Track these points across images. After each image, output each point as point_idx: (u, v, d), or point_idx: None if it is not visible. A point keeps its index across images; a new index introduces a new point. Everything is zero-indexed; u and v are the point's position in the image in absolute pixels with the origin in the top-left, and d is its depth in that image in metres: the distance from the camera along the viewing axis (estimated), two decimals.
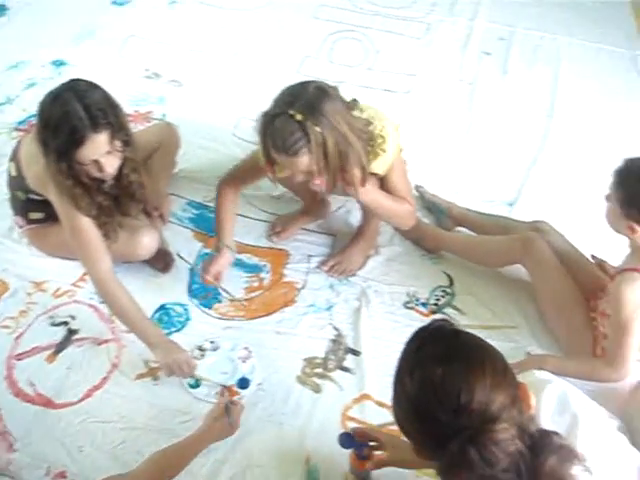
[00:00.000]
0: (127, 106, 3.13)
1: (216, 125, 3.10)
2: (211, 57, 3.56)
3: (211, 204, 2.76)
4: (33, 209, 2.41)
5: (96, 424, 2.09)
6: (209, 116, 3.15)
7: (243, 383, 2.18)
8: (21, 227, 2.51)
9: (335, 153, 2.01)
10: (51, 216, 2.32)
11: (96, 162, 2.04)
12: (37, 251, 2.54)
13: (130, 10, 3.89)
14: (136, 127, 3.01)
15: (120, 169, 2.16)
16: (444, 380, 1.21)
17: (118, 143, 2.06)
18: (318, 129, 1.94)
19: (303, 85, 2.03)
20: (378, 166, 2.22)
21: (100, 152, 2.02)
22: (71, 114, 1.94)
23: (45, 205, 2.28)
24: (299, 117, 1.93)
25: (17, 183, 2.34)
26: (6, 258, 2.56)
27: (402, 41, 3.72)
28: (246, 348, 2.28)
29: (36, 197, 2.30)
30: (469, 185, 2.89)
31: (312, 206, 2.66)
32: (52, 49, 3.48)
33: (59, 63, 3.37)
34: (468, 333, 1.33)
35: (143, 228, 2.44)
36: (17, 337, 2.32)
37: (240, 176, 2.46)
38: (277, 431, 2.09)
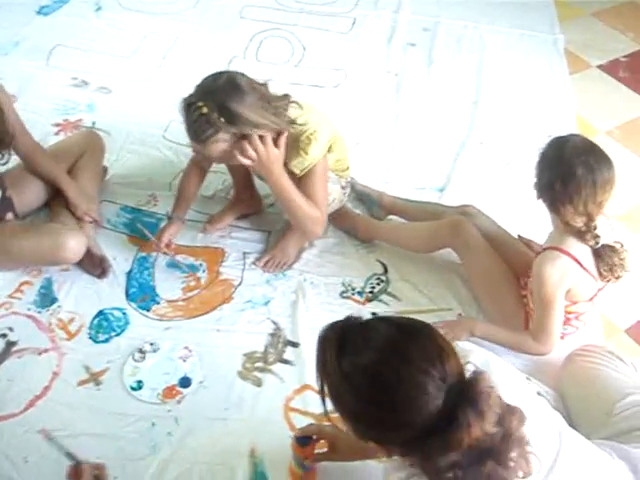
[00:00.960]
0: (56, 115, 3.19)
1: (146, 130, 3.12)
2: (139, 62, 3.57)
3: (144, 208, 2.79)
4: None
5: (39, 434, 2.07)
6: (139, 121, 3.16)
7: (184, 382, 2.21)
8: None
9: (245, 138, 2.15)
10: None
11: None
12: None
13: (55, 19, 3.87)
14: (66, 136, 3.03)
15: None
16: (421, 356, 1.23)
17: None
18: (222, 119, 2.08)
19: (215, 77, 2.15)
20: (295, 165, 2.30)
21: None
22: None
23: None
24: (204, 110, 2.07)
25: None
26: None
27: (328, 37, 3.78)
28: (186, 347, 2.31)
29: None
30: (399, 174, 2.96)
31: (243, 195, 2.70)
32: None
33: None
34: (385, 316, 1.39)
35: (69, 231, 2.45)
36: None
37: (196, 154, 2.54)
38: (221, 427, 2.11)
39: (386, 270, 2.58)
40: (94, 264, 2.52)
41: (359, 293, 2.50)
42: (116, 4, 3.98)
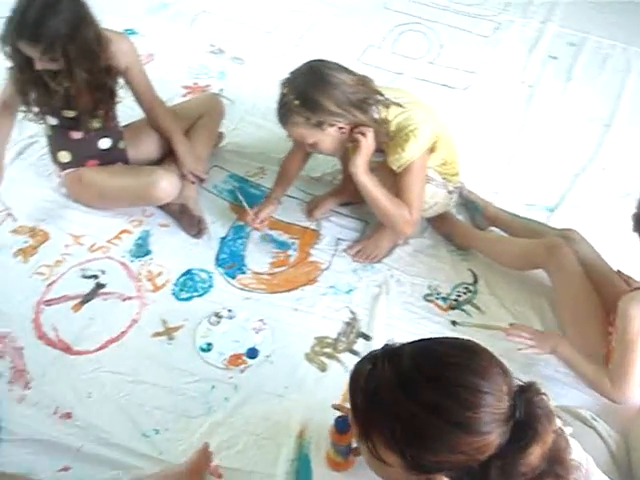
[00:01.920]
0: (188, 78, 3.29)
1: (271, 105, 3.08)
2: (277, 38, 3.63)
3: (252, 179, 2.84)
4: (59, 146, 2.55)
5: (107, 374, 2.17)
6: (265, 95, 3.12)
7: (252, 353, 2.25)
8: (59, 176, 2.65)
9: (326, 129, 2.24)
10: (79, 157, 2.54)
11: None
12: (77, 204, 2.67)
13: None
14: None
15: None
16: (491, 373, 1.26)
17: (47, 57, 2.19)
18: (297, 102, 2.19)
19: (304, 64, 2.26)
20: (392, 161, 2.30)
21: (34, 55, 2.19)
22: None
23: (72, 144, 2.50)
24: (285, 90, 2.22)
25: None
26: (53, 210, 2.67)
27: (468, 38, 3.71)
28: (261, 320, 2.34)
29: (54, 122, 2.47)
30: (511, 186, 2.87)
31: (349, 184, 2.67)
32: (125, 19, 3.54)
33: (130, 32, 3.44)
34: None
35: (162, 171, 2.57)
36: (49, 284, 2.43)
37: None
38: (277, 403, 2.13)
39: (476, 281, 2.52)
40: (192, 224, 2.60)
41: (443, 299, 2.46)
42: None
